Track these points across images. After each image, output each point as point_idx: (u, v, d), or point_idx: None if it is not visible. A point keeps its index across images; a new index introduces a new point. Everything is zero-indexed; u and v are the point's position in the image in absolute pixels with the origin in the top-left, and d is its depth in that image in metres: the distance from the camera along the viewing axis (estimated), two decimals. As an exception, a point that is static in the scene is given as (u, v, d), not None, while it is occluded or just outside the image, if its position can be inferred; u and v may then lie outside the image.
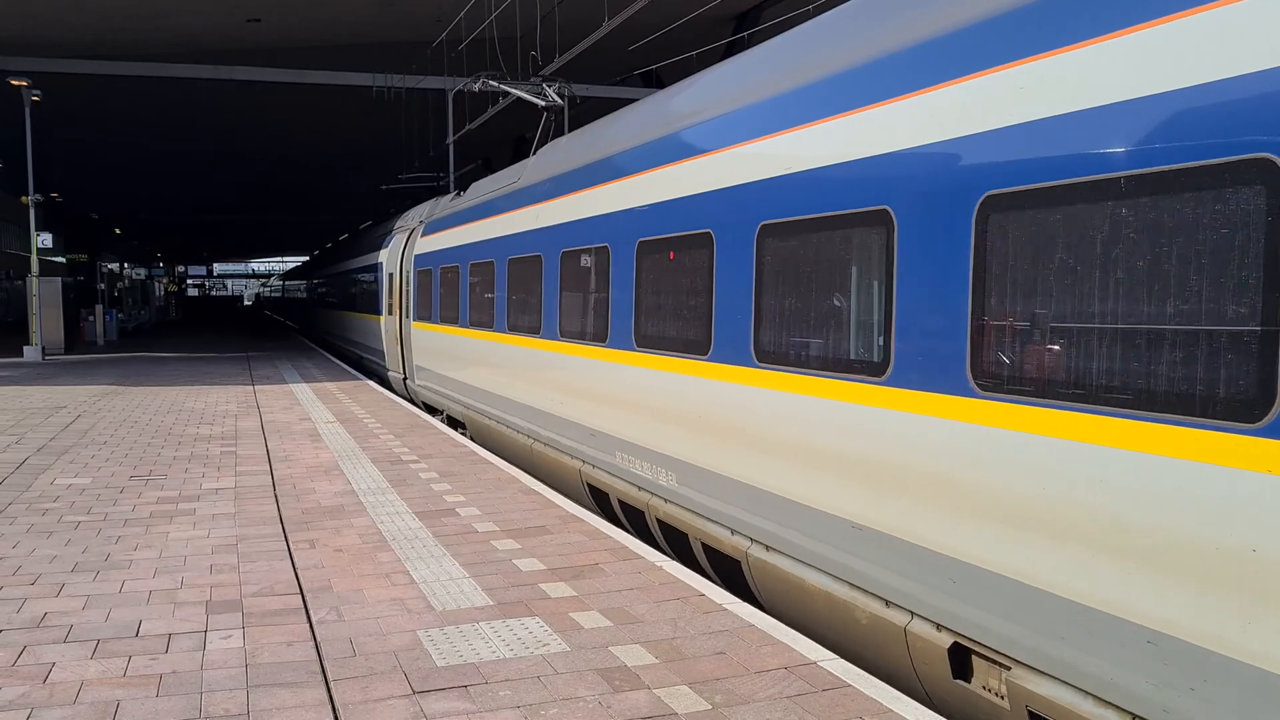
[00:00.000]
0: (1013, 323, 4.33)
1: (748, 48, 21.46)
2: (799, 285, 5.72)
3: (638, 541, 7.40)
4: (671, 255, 7.38)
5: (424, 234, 17.51)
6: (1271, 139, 3.31)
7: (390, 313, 20.47)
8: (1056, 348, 4.12)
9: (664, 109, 8.06)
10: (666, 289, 7.52)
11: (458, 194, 16.37)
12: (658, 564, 6.76)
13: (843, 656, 5.62)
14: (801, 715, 4.33)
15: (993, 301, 4.40)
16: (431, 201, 19.29)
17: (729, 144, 6.55)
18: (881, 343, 5.11)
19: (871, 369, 5.16)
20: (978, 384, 4.48)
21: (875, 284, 5.17)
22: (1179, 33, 3.62)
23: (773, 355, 6.00)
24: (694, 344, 7.03)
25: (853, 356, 5.33)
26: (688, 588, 6.22)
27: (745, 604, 5.89)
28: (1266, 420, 3.29)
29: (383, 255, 22.23)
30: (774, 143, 5.98)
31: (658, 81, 26.01)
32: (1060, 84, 4.11)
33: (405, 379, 19.12)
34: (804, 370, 5.67)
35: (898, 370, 4.96)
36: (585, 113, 28.37)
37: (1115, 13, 3.92)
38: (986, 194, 4.50)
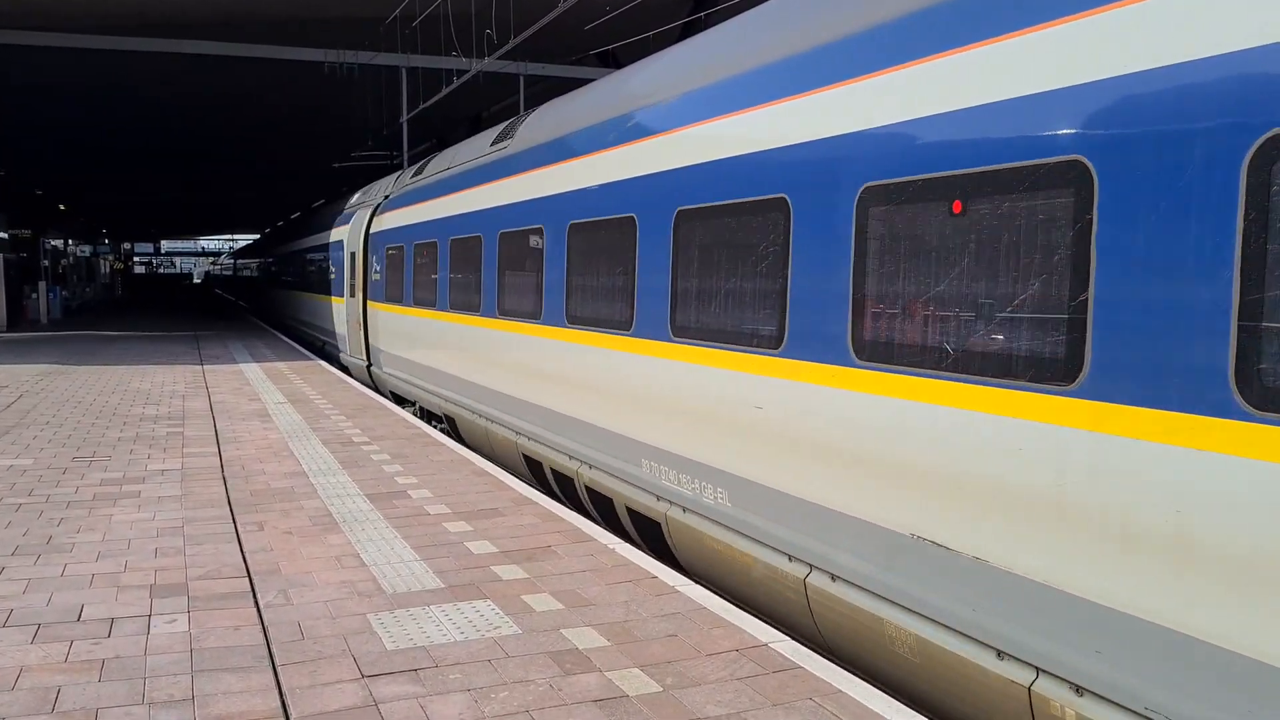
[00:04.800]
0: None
1: (705, 27, 21.41)
2: None
3: (590, 524, 7.39)
4: None
5: None
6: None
7: None
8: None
9: None
10: None
11: None
12: (610, 546, 6.75)
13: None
14: (752, 697, 4.35)
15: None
16: None
17: None
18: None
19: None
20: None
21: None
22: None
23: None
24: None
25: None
26: (640, 570, 6.22)
27: (697, 586, 5.91)
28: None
29: None
30: None
31: (614, 61, 25.87)
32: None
33: None
34: None
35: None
36: (541, 93, 28.17)
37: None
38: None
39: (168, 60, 26.16)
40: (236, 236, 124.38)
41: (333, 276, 22.42)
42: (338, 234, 21.98)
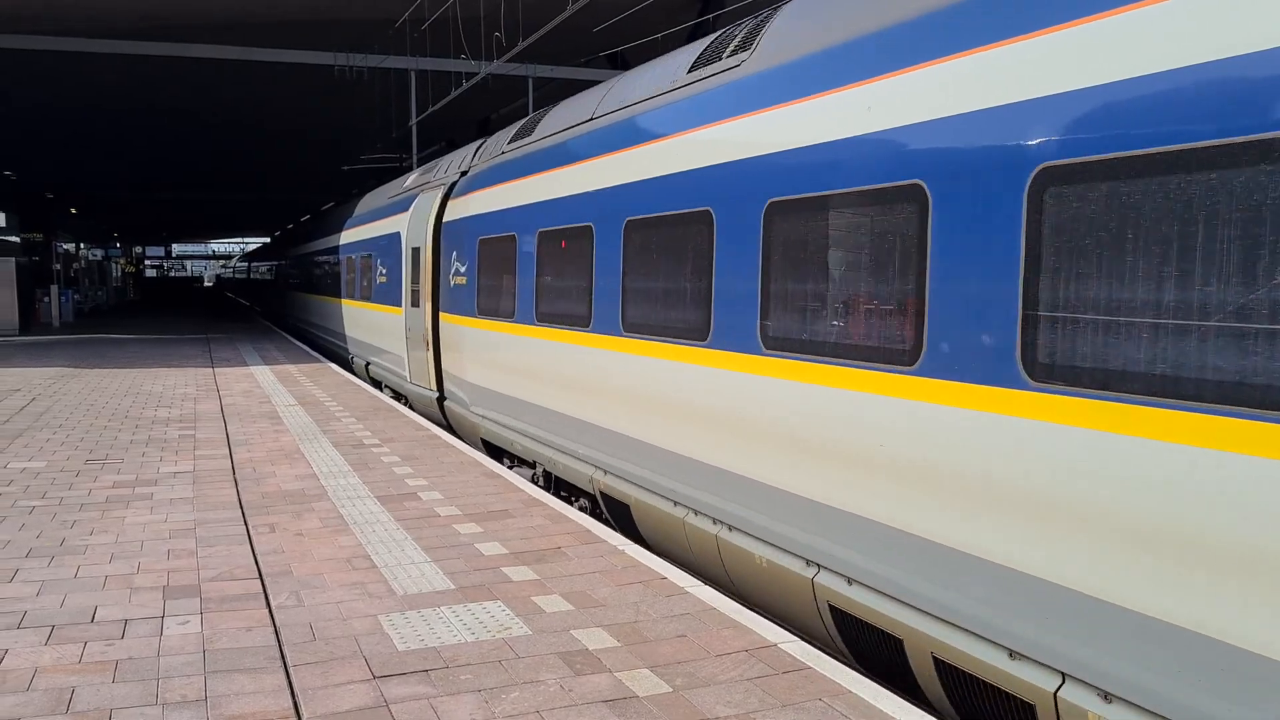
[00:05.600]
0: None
1: (714, 29, 21.43)
2: None
3: (600, 525, 7.41)
4: None
5: None
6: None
7: None
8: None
9: None
10: None
11: None
12: (620, 548, 6.77)
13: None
14: (762, 697, 4.36)
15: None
16: None
17: None
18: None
19: None
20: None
21: None
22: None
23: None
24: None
25: None
26: (650, 571, 6.23)
27: (707, 587, 5.92)
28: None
29: None
30: None
31: (623, 63, 25.92)
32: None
33: None
34: None
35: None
36: (548, 95, 28.23)
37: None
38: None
39: (176, 64, 26.29)
40: (247, 240, 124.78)
41: (382, 280, 17.26)
42: (389, 225, 17.00)
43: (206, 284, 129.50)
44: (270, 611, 5.47)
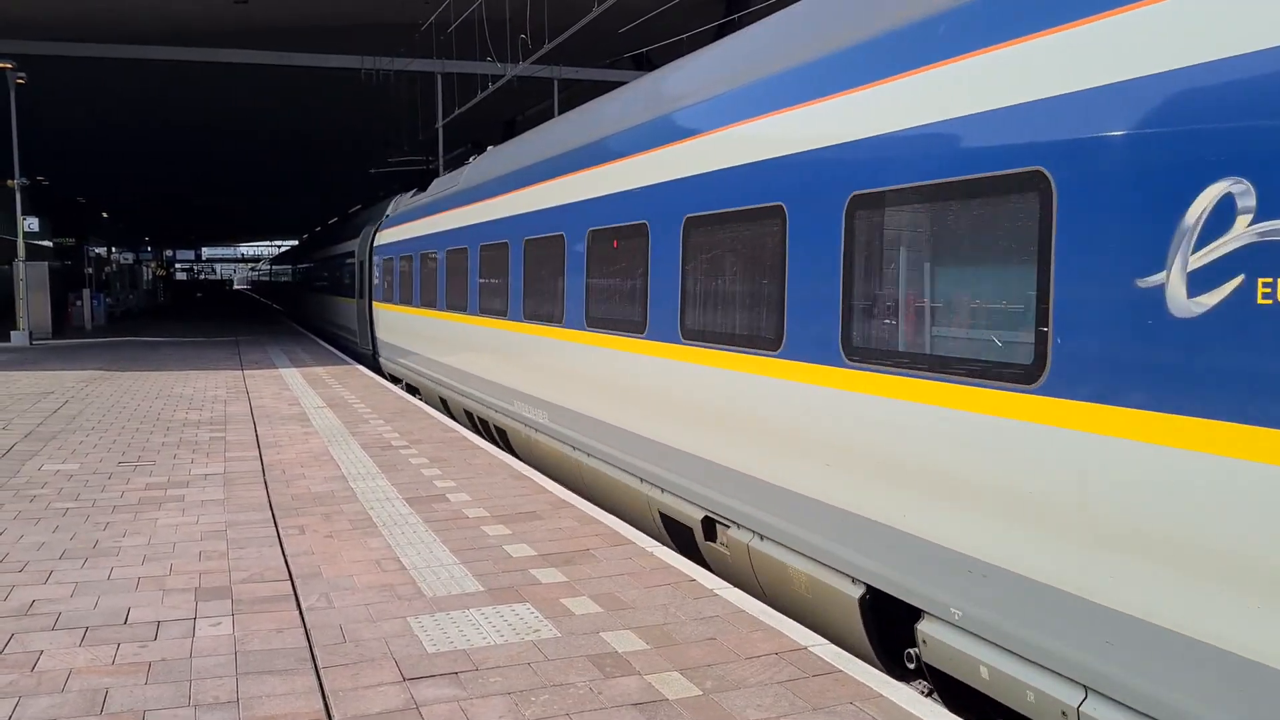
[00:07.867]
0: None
1: (739, 28, 21.38)
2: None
3: (629, 527, 7.40)
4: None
5: None
6: None
7: None
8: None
9: None
10: None
11: None
12: (649, 550, 6.75)
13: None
14: (792, 701, 4.33)
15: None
16: None
17: None
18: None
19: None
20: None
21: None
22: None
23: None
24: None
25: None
26: (679, 573, 6.21)
27: (735, 589, 5.90)
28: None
29: None
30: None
31: (648, 64, 25.90)
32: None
33: None
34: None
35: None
36: (574, 96, 28.26)
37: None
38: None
39: (205, 69, 26.53)
40: (277, 243, 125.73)
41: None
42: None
43: (236, 287, 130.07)
44: (301, 613, 5.50)
